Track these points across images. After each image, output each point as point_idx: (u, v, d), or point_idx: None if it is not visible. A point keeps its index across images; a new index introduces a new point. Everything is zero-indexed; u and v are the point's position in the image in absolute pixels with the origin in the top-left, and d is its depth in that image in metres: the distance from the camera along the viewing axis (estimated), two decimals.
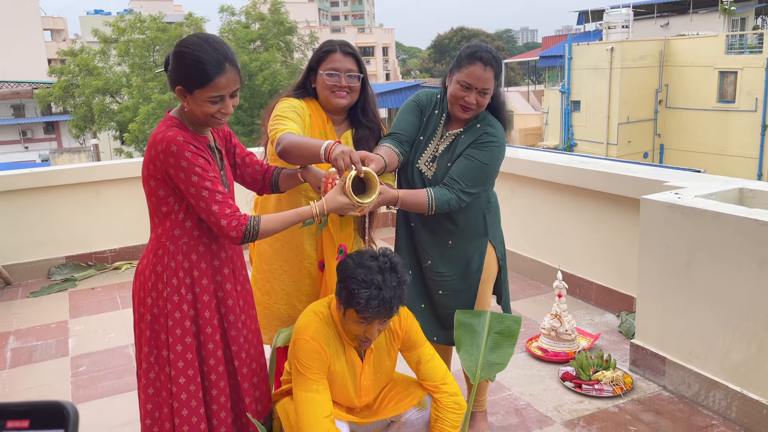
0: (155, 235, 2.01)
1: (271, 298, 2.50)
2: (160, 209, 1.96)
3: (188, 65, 1.83)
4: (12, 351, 3.89)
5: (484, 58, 2.28)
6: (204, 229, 1.99)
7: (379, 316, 1.96)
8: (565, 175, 4.32)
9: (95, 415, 3.11)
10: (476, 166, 2.34)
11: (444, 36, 60.78)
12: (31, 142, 31.08)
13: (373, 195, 2.01)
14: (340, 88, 2.33)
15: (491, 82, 2.31)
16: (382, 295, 1.92)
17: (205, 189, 1.87)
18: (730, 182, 3.41)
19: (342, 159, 1.96)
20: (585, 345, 3.59)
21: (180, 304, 1.97)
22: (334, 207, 1.98)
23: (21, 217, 5.07)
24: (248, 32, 24.07)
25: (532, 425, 2.89)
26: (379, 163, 2.14)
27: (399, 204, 2.27)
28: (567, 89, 24.30)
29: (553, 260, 4.48)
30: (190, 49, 1.84)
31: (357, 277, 1.94)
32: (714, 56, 21.39)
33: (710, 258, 2.88)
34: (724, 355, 2.87)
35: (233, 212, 1.90)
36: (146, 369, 2.02)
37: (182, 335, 1.98)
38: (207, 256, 2.02)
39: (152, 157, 1.89)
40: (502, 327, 2.43)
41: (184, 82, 1.85)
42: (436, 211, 2.32)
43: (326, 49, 2.37)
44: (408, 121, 2.46)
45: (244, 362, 2.13)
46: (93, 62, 23.42)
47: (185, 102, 1.89)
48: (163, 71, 1.96)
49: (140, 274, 2.03)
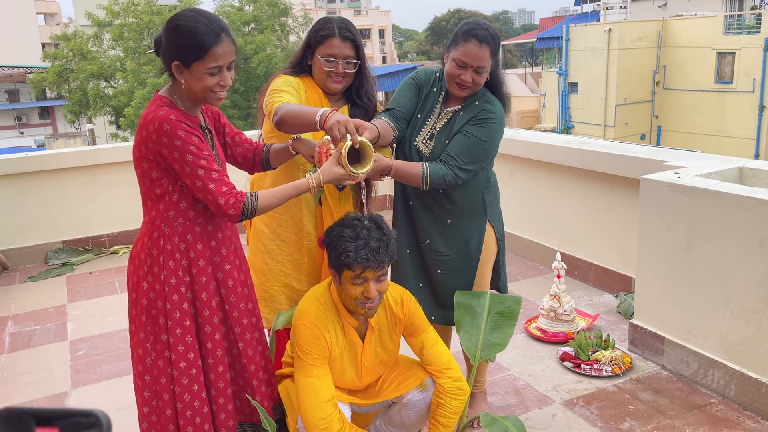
0: (149, 218, 1.97)
1: (268, 279, 2.49)
2: (154, 191, 1.93)
3: (185, 36, 1.80)
4: (11, 335, 3.89)
5: (480, 36, 2.25)
6: (199, 209, 1.96)
7: (371, 266, 1.97)
8: (564, 156, 4.30)
9: (95, 398, 3.11)
10: (474, 142, 2.33)
11: (441, 18, 60.37)
12: (26, 128, 30.93)
13: (368, 165, 2.03)
14: (337, 74, 2.32)
15: (487, 60, 2.28)
16: (370, 245, 1.95)
17: (201, 168, 1.84)
18: (730, 161, 3.40)
19: (338, 129, 1.96)
20: (584, 325, 3.60)
21: (177, 286, 1.95)
22: (330, 178, 1.98)
23: (18, 202, 5.05)
24: (242, 14, 23.85)
25: (532, 405, 2.90)
26: (373, 132, 2.12)
27: (393, 173, 2.26)
28: (564, 71, 24.18)
29: (552, 241, 4.47)
30: (186, 21, 1.82)
31: (343, 235, 1.98)
32: (712, 37, 21.28)
33: (710, 237, 2.87)
34: (723, 334, 2.87)
35: (230, 189, 1.88)
36: (142, 355, 1.99)
37: (181, 318, 1.95)
38: (203, 237, 1.99)
39: (144, 138, 1.86)
40: (502, 307, 2.43)
41: (181, 55, 1.82)
42: (431, 186, 2.31)
43: (325, 33, 2.33)
44: (405, 97, 2.44)
45: (249, 344, 2.10)
46: (87, 46, 23.21)
47: (182, 78, 1.85)
48: (154, 53, 1.92)
49: (135, 258, 2.00)
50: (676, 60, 22.41)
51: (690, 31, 22.09)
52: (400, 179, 2.33)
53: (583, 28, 23.87)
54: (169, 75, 1.90)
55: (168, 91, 1.93)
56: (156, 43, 1.90)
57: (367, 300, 2.02)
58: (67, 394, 3.19)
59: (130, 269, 2.02)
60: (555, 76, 25.08)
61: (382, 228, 2.03)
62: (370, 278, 2.00)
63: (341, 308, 2.11)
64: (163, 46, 1.86)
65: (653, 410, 2.82)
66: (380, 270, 2.01)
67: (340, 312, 2.11)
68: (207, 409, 2.01)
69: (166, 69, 1.88)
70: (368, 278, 1.99)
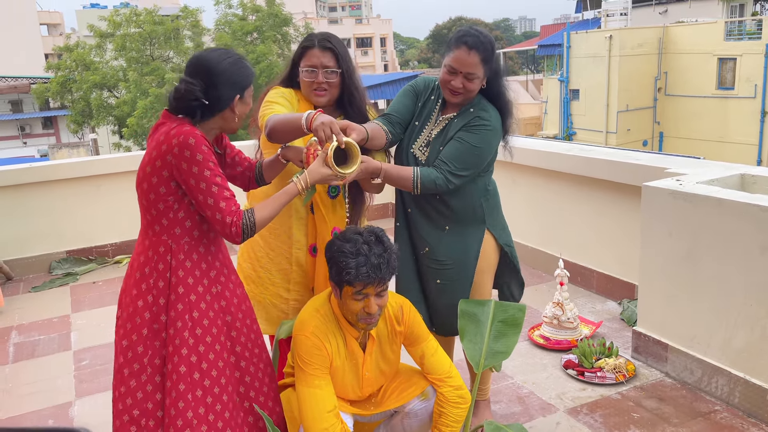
0: (152, 233, 1.96)
1: (258, 288, 2.49)
2: (157, 206, 1.93)
3: (248, 69, 2.00)
4: (15, 346, 3.90)
5: (469, 42, 2.27)
6: (203, 230, 1.99)
7: (372, 283, 1.96)
8: (566, 163, 4.31)
9: (99, 408, 3.12)
10: (466, 148, 2.33)
11: (442, 26, 60.54)
12: (29, 138, 31.04)
13: (355, 165, 2.04)
14: (318, 84, 2.33)
15: (476, 67, 2.29)
16: (371, 261, 1.94)
17: (216, 185, 1.87)
18: (732, 168, 3.40)
19: (323, 130, 1.99)
20: (587, 333, 3.60)
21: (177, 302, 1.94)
22: (317, 178, 2.01)
23: (21, 212, 5.06)
24: (244, 24, 23.94)
25: (536, 413, 2.90)
26: (361, 133, 2.13)
27: (382, 175, 2.26)
28: (566, 78, 24.23)
29: (555, 249, 4.47)
30: (240, 57, 2.01)
31: (344, 250, 1.97)
32: (713, 43, 21.32)
33: (712, 244, 2.87)
34: (727, 341, 2.87)
35: (237, 209, 1.91)
36: (138, 370, 1.93)
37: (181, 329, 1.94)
38: (208, 256, 2.01)
39: (163, 152, 1.87)
40: (506, 316, 2.43)
41: (242, 90, 1.96)
42: (422, 190, 2.31)
43: (305, 44, 2.37)
44: (402, 104, 2.46)
45: (250, 359, 2.11)
46: (89, 57, 23.31)
47: (237, 111, 1.98)
48: (185, 93, 1.93)
49: (137, 270, 1.98)
50: (677, 66, 22.45)
51: (691, 38, 22.13)
52: (391, 182, 2.32)
53: (584, 35, 23.94)
54: (213, 112, 1.95)
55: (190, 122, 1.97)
56: (194, 84, 1.91)
57: (368, 315, 2.03)
58: (72, 404, 3.19)
59: (130, 282, 1.99)
60: (556, 83, 25.12)
61: (383, 242, 2.02)
62: (371, 294, 1.99)
63: (342, 319, 2.11)
64: (224, 82, 1.92)
65: (657, 418, 2.81)
66: (381, 286, 2.01)
67: (341, 323, 2.11)
68: (212, 416, 1.99)
69: (217, 107, 1.93)
70: (369, 294, 1.99)
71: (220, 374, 2.00)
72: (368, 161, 2.19)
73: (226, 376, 2.02)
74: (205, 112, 1.93)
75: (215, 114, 1.95)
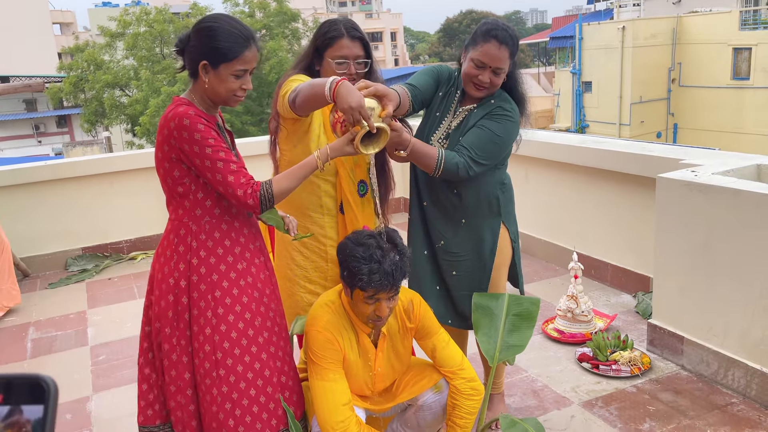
0: (176, 216, 1.99)
1: (293, 285, 2.47)
2: (177, 190, 1.96)
3: (219, 38, 1.86)
4: (32, 342, 3.95)
5: (500, 37, 2.24)
6: (224, 206, 1.99)
7: (384, 290, 1.95)
8: (579, 155, 4.28)
9: (117, 402, 3.15)
10: (487, 135, 2.31)
11: (453, 19, 60.25)
12: (44, 136, 31.31)
13: (380, 146, 1.97)
14: (350, 75, 2.27)
15: (506, 62, 2.28)
16: (384, 269, 1.92)
17: (220, 160, 1.87)
18: (748, 159, 3.36)
19: (352, 114, 1.88)
20: (601, 326, 3.58)
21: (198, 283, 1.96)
22: (339, 155, 1.99)
23: (37, 210, 5.12)
24: (253, 22, 23.97)
25: (550, 406, 2.89)
26: (396, 103, 2.04)
27: (409, 149, 2.21)
28: (578, 70, 24.04)
29: (569, 242, 4.45)
30: (219, 23, 1.88)
31: (356, 255, 1.94)
32: (727, 33, 21.04)
33: (728, 235, 2.84)
34: (744, 333, 2.84)
35: (248, 180, 1.90)
36: (168, 350, 1.98)
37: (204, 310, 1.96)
38: (231, 233, 2.01)
39: (166, 137, 1.89)
40: (521, 309, 2.42)
41: (211, 56, 1.87)
42: (442, 174, 2.27)
43: (333, 34, 2.28)
44: (425, 82, 2.43)
45: (278, 346, 2.09)
46: (100, 56, 23.45)
47: (206, 78, 1.89)
48: (176, 51, 1.94)
49: (160, 255, 2.02)
50: (691, 57, 22.19)
51: (705, 28, 21.86)
52: (414, 159, 2.28)
53: (597, 26, 23.73)
54: (191, 74, 1.93)
55: (187, 93, 1.97)
56: (181, 41, 1.93)
57: (378, 318, 2.03)
58: (89, 398, 3.23)
59: (155, 266, 2.03)
60: (569, 76, 24.93)
61: (397, 247, 1.99)
62: (383, 299, 1.99)
63: (353, 315, 2.11)
64: (191, 46, 1.90)
65: (673, 411, 2.79)
66: (393, 291, 2.00)
67: (352, 318, 2.11)
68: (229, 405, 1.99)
69: (190, 68, 1.92)
70: (381, 299, 1.98)
71: (243, 352, 1.99)
72: (400, 132, 2.13)
73: (251, 354, 2.01)
74: (190, 71, 1.93)
75: (196, 78, 1.92)
